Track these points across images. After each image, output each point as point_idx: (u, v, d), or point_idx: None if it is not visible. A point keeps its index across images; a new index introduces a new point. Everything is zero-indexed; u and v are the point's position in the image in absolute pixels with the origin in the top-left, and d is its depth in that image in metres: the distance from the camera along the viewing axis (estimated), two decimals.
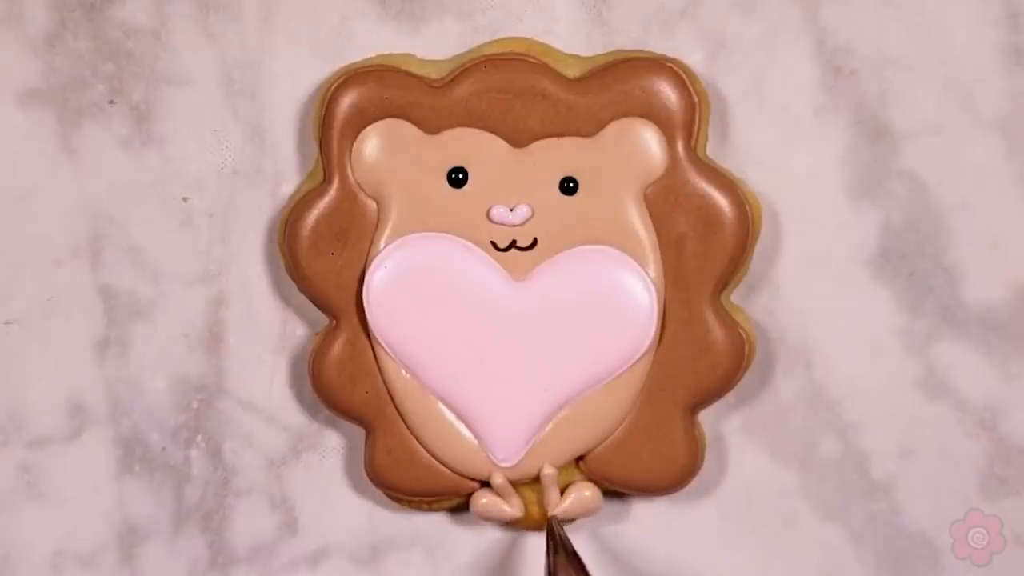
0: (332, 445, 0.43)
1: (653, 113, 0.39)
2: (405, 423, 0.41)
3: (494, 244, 0.40)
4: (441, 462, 0.41)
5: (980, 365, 0.41)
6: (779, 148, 0.41)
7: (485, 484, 0.41)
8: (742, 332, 0.40)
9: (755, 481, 0.42)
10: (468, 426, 0.40)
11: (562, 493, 0.41)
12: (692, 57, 0.41)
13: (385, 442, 0.41)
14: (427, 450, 0.41)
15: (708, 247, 0.39)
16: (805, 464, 0.42)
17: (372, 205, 0.40)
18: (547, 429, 0.40)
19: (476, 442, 0.40)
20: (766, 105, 0.41)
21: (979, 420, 0.41)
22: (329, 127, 0.40)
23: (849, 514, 0.42)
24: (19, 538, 0.43)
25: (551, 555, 0.39)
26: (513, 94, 0.40)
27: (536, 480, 0.41)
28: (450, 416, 0.40)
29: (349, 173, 0.40)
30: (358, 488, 0.43)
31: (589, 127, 0.40)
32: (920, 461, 0.41)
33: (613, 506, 0.42)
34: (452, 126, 0.40)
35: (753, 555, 0.42)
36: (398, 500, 0.42)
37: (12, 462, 0.43)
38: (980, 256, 0.41)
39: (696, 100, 0.39)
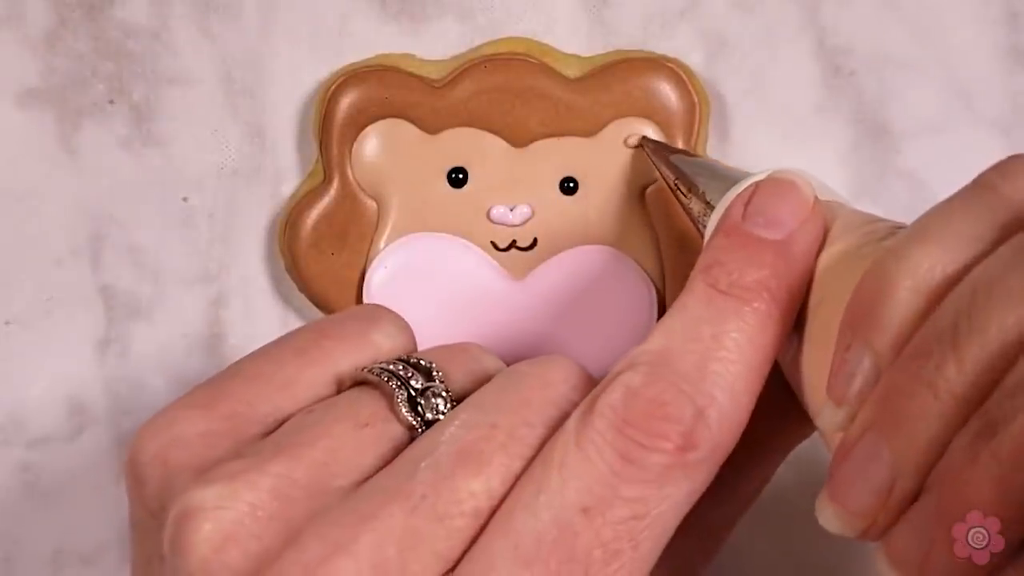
0: None
1: (653, 113, 0.39)
2: None
3: (494, 244, 0.40)
4: None
5: None
6: (779, 148, 0.41)
7: None
8: None
9: None
10: None
11: None
12: (692, 57, 0.41)
13: None
14: None
15: None
16: (805, 463, 0.42)
17: (372, 205, 0.40)
18: None
19: None
20: (766, 105, 0.41)
21: None
22: (329, 127, 0.40)
23: None
24: (19, 538, 0.43)
25: (657, 164, 0.39)
26: (513, 94, 0.40)
27: None
28: None
29: (349, 173, 0.40)
30: None
31: (589, 127, 0.39)
32: None
33: None
34: (452, 126, 0.40)
35: (753, 555, 0.42)
36: None
37: (12, 462, 0.43)
38: None
39: (696, 100, 0.39)
